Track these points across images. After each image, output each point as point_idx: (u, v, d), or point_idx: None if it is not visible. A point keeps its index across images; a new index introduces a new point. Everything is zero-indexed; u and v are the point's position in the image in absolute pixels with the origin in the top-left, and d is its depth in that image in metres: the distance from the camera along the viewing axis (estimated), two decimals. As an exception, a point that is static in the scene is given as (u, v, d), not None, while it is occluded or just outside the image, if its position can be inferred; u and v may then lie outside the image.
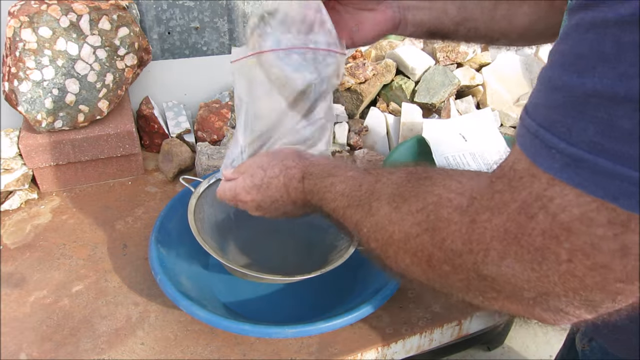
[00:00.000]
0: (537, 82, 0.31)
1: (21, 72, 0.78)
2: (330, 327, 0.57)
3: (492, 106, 1.08)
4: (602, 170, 0.26)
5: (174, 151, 0.89)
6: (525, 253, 0.30)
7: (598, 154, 0.26)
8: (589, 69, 0.27)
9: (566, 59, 0.29)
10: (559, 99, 0.29)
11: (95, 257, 0.73)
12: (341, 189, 0.45)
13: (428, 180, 0.38)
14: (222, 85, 1.10)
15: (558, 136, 0.28)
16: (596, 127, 0.26)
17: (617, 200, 0.26)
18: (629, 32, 0.25)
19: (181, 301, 0.58)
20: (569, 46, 0.29)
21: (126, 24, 0.83)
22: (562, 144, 0.28)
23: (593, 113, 0.27)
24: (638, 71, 0.25)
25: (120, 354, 0.59)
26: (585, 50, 0.27)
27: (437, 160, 0.84)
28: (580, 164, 0.27)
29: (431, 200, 0.36)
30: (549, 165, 0.29)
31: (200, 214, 0.68)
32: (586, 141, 0.27)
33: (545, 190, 0.29)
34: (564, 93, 0.28)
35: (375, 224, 0.40)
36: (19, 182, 0.82)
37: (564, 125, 0.28)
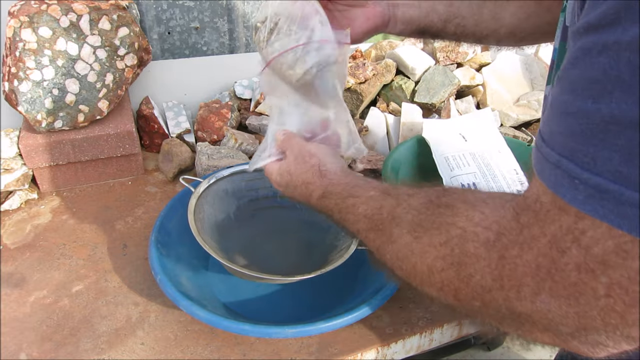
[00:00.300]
0: (550, 108, 0.30)
1: (21, 72, 0.78)
2: (330, 327, 0.57)
3: (492, 106, 1.08)
4: (627, 201, 0.25)
5: (174, 151, 0.89)
6: (560, 289, 0.29)
7: (623, 183, 0.25)
8: (604, 94, 0.26)
9: (578, 84, 0.28)
10: (576, 126, 0.27)
11: (95, 257, 0.73)
12: (363, 211, 0.45)
13: (449, 210, 0.37)
14: (222, 85, 1.10)
15: (581, 166, 0.27)
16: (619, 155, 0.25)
17: None
18: None
19: (181, 301, 0.58)
20: (580, 70, 0.28)
21: (126, 24, 0.83)
22: (586, 173, 0.27)
23: (614, 140, 0.25)
24: None
25: (120, 354, 0.59)
26: (598, 75, 0.26)
27: (437, 160, 0.84)
28: (605, 195, 0.26)
29: (455, 234, 0.35)
30: (572, 196, 0.28)
31: (200, 214, 0.68)
32: (611, 170, 0.26)
33: (575, 223, 0.28)
34: (580, 120, 0.27)
35: (398, 252, 0.40)
36: (19, 182, 0.82)
37: (586, 154, 0.27)
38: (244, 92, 1.08)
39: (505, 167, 0.84)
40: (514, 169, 0.84)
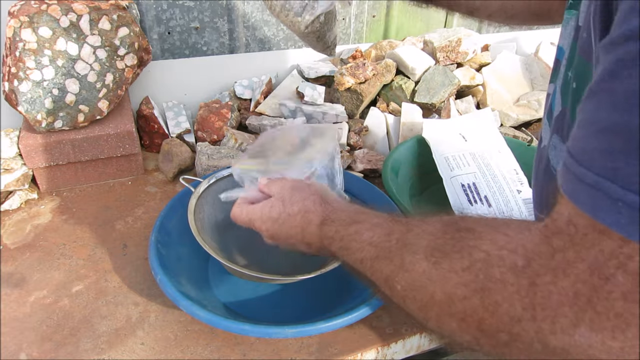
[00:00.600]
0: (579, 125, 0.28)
1: (21, 72, 0.78)
2: (330, 327, 0.57)
3: (492, 106, 1.08)
4: None
5: (174, 151, 0.89)
6: (604, 320, 0.27)
7: None
8: None
9: (618, 97, 0.26)
10: (617, 143, 0.25)
11: (95, 257, 0.73)
12: (368, 238, 0.42)
13: (470, 233, 0.35)
14: (222, 85, 1.10)
15: (623, 186, 0.25)
16: None
17: None
18: None
19: (181, 301, 0.58)
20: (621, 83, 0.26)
21: (126, 24, 0.83)
22: (630, 195, 0.25)
23: None
24: None
25: (120, 354, 0.59)
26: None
27: (437, 161, 0.84)
28: None
29: (478, 257, 0.33)
30: (614, 220, 0.26)
31: (200, 214, 0.68)
32: None
33: (620, 247, 0.26)
34: (623, 136, 0.25)
35: (413, 281, 0.37)
36: (19, 182, 0.82)
37: (630, 173, 0.25)
38: (244, 92, 1.08)
39: (505, 167, 0.84)
40: (514, 169, 0.84)
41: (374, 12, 1.23)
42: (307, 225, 0.48)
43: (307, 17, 0.54)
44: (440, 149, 0.86)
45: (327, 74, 1.11)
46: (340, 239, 0.45)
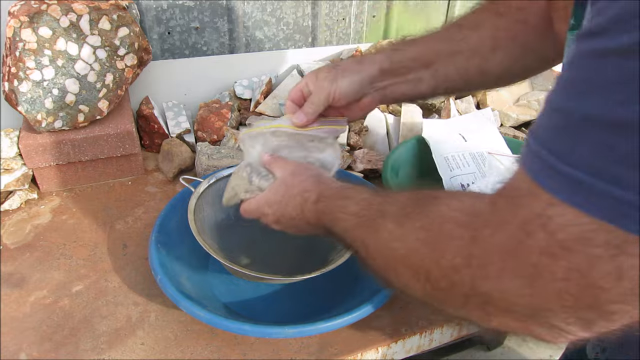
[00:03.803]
0: (543, 105, 0.32)
1: (21, 72, 0.78)
2: (330, 327, 0.57)
3: (492, 106, 1.08)
4: (599, 192, 0.27)
5: (174, 151, 0.89)
6: (521, 268, 0.31)
7: (596, 176, 0.27)
8: (590, 94, 0.28)
9: (569, 83, 0.30)
10: (560, 122, 0.30)
11: (95, 257, 0.73)
12: (353, 210, 0.46)
13: (433, 199, 0.39)
14: (222, 85, 1.10)
15: (559, 158, 0.29)
16: (595, 150, 0.27)
17: (614, 221, 0.27)
18: (630, 60, 0.26)
19: (181, 301, 0.58)
20: (572, 72, 0.30)
21: (126, 24, 0.83)
22: (561, 164, 0.29)
23: (592, 136, 0.27)
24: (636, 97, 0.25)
25: (120, 354, 0.59)
26: (587, 76, 0.28)
27: (437, 161, 0.84)
28: (580, 186, 0.28)
29: (434, 217, 0.37)
30: (549, 185, 0.30)
31: (200, 214, 0.68)
32: (585, 164, 0.28)
33: (545, 209, 0.30)
34: (564, 116, 0.29)
35: (381, 241, 0.41)
36: (19, 182, 0.82)
37: (565, 147, 0.29)
38: (244, 92, 1.08)
39: (505, 167, 0.84)
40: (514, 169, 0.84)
41: (374, 12, 1.22)
42: (305, 204, 0.52)
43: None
44: (440, 149, 0.86)
45: (327, 74, 1.11)
46: (330, 212, 0.49)
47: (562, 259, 0.29)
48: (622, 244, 0.27)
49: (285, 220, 0.55)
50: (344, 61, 0.60)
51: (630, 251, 0.27)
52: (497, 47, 0.57)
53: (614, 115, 0.26)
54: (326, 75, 0.58)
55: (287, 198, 0.54)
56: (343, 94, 0.58)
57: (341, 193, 0.50)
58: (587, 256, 0.28)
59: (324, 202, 0.50)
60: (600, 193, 0.27)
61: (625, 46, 0.26)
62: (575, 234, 0.28)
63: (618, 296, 0.28)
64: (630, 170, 0.26)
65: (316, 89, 0.58)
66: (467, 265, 0.34)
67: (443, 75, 0.59)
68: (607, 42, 0.27)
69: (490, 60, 0.58)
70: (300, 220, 0.53)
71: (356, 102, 0.61)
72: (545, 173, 0.30)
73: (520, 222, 0.31)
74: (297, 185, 0.54)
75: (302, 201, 0.52)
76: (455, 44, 0.58)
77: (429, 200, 0.39)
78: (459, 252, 0.34)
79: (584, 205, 0.28)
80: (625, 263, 0.27)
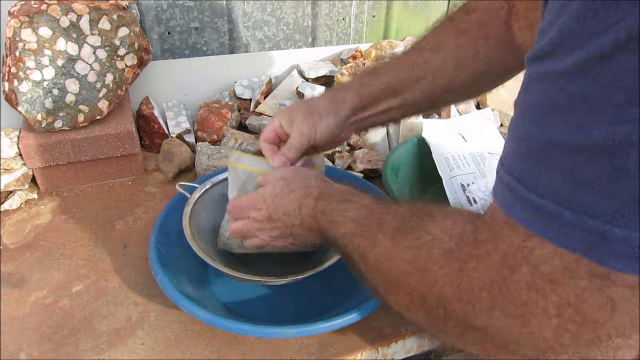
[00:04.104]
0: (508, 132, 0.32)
1: (21, 72, 0.78)
2: (330, 327, 0.57)
3: (492, 106, 1.08)
4: (568, 222, 0.26)
5: (174, 151, 0.89)
6: (512, 307, 0.29)
7: (563, 205, 0.26)
8: (544, 119, 0.27)
9: (525, 109, 0.29)
10: (523, 149, 0.29)
11: (95, 257, 0.73)
12: (353, 215, 0.45)
13: (429, 217, 0.38)
14: (222, 85, 1.10)
15: (527, 187, 0.28)
16: (560, 178, 0.26)
17: (588, 253, 0.26)
18: (575, 82, 0.25)
19: (181, 301, 0.58)
20: (527, 97, 0.29)
21: (126, 24, 0.83)
22: (531, 195, 0.28)
23: (555, 163, 0.26)
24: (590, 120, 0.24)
25: (120, 354, 0.59)
26: (540, 101, 0.27)
27: (437, 161, 0.84)
28: (549, 216, 0.27)
29: (426, 239, 0.36)
30: (522, 217, 0.29)
31: (196, 219, 0.68)
32: (552, 192, 0.27)
33: (524, 241, 0.29)
34: (526, 143, 0.28)
35: (379, 256, 0.40)
36: (19, 182, 0.82)
37: (532, 176, 0.28)
38: (244, 92, 1.08)
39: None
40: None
41: (374, 12, 1.22)
42: (305, 198, 0.51)
43: None
44: (440, 149, 0.86)
45: (327, 74, 1.11)
46: (329, 212, 0.48)
47: (552, 293, 0.28)
48: (607, 274, 0.26)
49: (278, 215, 0.53)
50: (318, 100, 0.61)
51: (619, 281, 0.26)
52: (460, 66, 0.57)
53: (572, 139, 0.25)
54: (303, 120, 0.58)
55: (285, 191, 0.53)
56: (323, 138, 0.59)
57: (343, 195, 0.49)
58: (575, 289, 0.27)
59: (325, 200, 0.49)
60: (570, 224, 0.26)
61: (570, 68, 0.25)
62: (559, 267, 0.27)
63: (616, 329, 0.27)
64: (597, 197, 0.25)
65: (296, 134, 0.58)
66: (458, 300, 0.32)
67: (411, 101, 0.60)
68: (553, 65, 0.26)
69: (455, 78, 0.58)
70: (295, 218, 0.52)
71: (333, 139, 0.62)
72: (518, 205, 0.29)
73: (502, 255, 0.30)
74: (299, 180, 0.53)
75: (302, 195, 0.51)
76: (418, 69, 0.59)
77: (425, 216, 0.38)
78: (448, 283, 0.33)
79: (556, 239, 0.27)
80: (615, 294, 0.26)
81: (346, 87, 0.62)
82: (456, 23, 0.58)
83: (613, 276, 0.26)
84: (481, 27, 0.56)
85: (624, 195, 0.24)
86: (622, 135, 0.23)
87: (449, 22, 0.59)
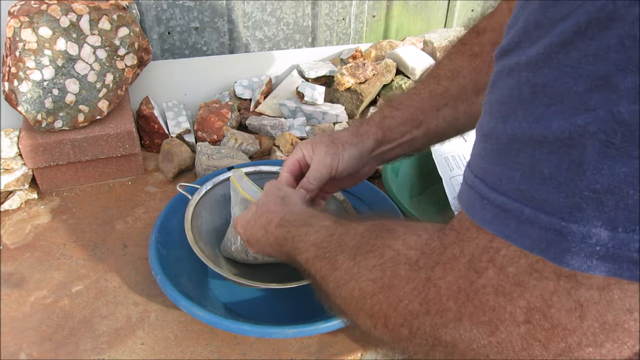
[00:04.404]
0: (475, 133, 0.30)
1: (21, 72, 0.78)
2: (330, 327, 0.57)
3: (492, 106, 1.08)
4: (526, 220, 0.25)
5: (174, 151, 0.89)
6: (480, 314, 0.28)
7: (523, 202, 0.25)
8: (510, 114, 0.26)
9: (492, 106, 0.28)
10: (488, 147, 0.28)
11: (95, 257, 0.73)
12: (313, 239, 0.44)
13: (389, 234, 0.36)
14: (222, 85, 1.10)
15: (490, 186, 0.27)
16: (520, 174, 0.25)
17: (546, 252, 0.24)
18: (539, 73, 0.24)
19: (181, 301, 0.58)
20: (494, 93, 0.28)
21: (126, 24, 0.83)
22: (493, 193, 0.27)
23: (516, 159, 0.25)
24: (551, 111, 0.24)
25: (120, 354, 0.59)
26: (506, 96, 0.26)
27: (437, 161, 0.84)
28: (508, 214, 0.26)
29: (389, 256, 0.34)
30: (481, 217, 0.27)
31: (198, 220, 0.68)
32: (513, 189, 0.25)
33: (490, 241, 0.27)
34: (491, 141, 0.27)
35: (339, 279, 0.38)
36: (19, 182, 0.82)
37: (495, 173, 0.27)
38: (244, 92, 1.08)
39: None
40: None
41: (374, 12, 1.22)
42: (268, 226, 0.51)
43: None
44: (440, 149, 0.86)
45: (327, 74, 1.11)
46: (291, 239, 0.47)
47: (519, 297, 0.26)
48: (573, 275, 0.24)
49: (254, 241, 0.54)
50: (341, 133, 0.60)
51: (586, 283, 0.24)
52: (480, 89, 0.57)
53: (534, 133, 0.24)
54: (326, 150, 0.58)
55: (255, 218, 0.53)
56: (345, 168, 0.59)
57: (303, 219, 0.48)
58: (542, 292, 0.25)
59: (285, 227, 0.48)
60: (529, 221, 0.25)
61: (534, 58, 0.24)
62: (525, 267, 0.26)
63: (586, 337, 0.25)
64: (555, 192, 0.23)
65: (317, 165, 0.58)
66: (426, 312, 0.30)
67: (434, 130, 0.60)
68: (518, 57, 0.25)
69: (476, 103, 0.58)
70: (265, 243, 0.52)
71: (355, 172, 0.62)
72: (477, 204, 0.28)
73: (469, 258, 0.28)
74: (264, 205, 0.53)
75: (266, 222, 0.51)
76: (439, 98, 0.59)
77: (386, 234, 0.37)
78: (415, 296, 0.31)
79: (512, 237, 0.26)
80: (583, 297, 0.24)
81: (368, 120, 0.61)
82: (469, 46, 0.58)
83: (579, 277, 0.24)
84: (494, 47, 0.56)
85: (582, 191, 0.23)
86: (581, 125, 0.22)
87: (462, 46, 0.59)
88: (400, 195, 0.78)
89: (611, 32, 0.21)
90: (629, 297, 0.24)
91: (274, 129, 0.98)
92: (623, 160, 0.22)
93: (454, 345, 0.30)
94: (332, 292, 0.40)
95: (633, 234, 0.22)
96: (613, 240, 0.22)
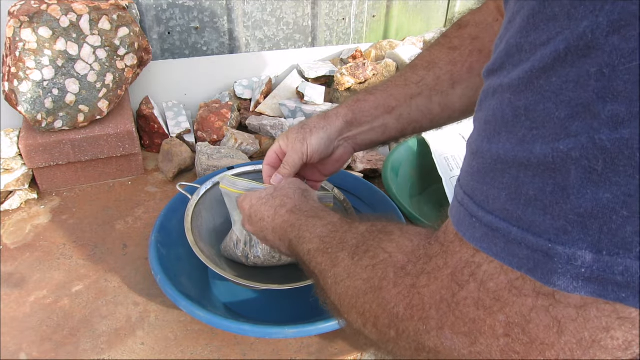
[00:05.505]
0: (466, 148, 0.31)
1: (21, 72, 0.78)
2: (330, 327, 0.57)
3: (492, 106, 1.08)
4: (514, 240, 0.25)
5: (174, 151, 0.89)
6: (460, 325, 0.29)
7: (510, 222, 0.26)
8: (494, 135, 0.27)
9: (479, 125, 0.29)
10: (475, 165, 0.28)
11: (95, 257, 0.73)
12: (319, 232, 0.45)
13: (387, 236, 0.37)
14: (222, 85, 1.10)
15: (478, 204, 0.28)
16: (506, 194, 0.26)
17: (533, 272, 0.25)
18: (521, 96, 0.25)
19: (181, 301, 0.58)
20: (482, 112, 0.29)
21: (126, 24, 0.83)
22: (481, 212, 0.27)
23: (501, 179, 0.26)
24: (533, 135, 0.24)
25: (120, 354, 0.59)
26: (490, 116, 0.27)
27: (437, 161, 0.84)
28: (496, 233, 0.26)
29: (382, 258, 0.35)
30: (471, 234, 0.28)
31: (198, 220, 0.68)
32: (500, 208, 0.26)
33: (473, 256, 0.28)
34: (478, 159, 0.28)
35: (338, 275, 0.40)
36: (19, 182, 0.82)
37: (482, 192, 0.27)
38: (244, 92, 1.08)
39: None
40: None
41: (374, 12, 1.23)
42: (280, 208, 0.52)
43: None
44: (440, 149, 0.86)
45: (327, 74, 1.11)
46: (299, 227, 0.48)
47: (498, 312, 0.27)
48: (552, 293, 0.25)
49: (256, 219, 0.55)
50: (311, 119, 0.62)
51: (564, 301, 0.25)
52: (455, 82, 0.58)
53: (517, 155, 0.25)
54: (296, 136, 0.60)
55: (269, 197, 0.54)
56: (315, 151, 0.60)
57: (315, 212, 0.49)
58: (521, 308, 0.26)
59: (297, 214, 0.50)
60: (516, 241, 0.25)
61: (516, 81, 0.25)
62: (505, 283, 0.26)
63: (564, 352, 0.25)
64: (541, 214, 0.24)
65: (289, 151, 0.60)
66: (410, 318, 0.32)
67: (407, 118, 0.60)
68: (501, 79, 0.26)
69: (451, 95, 0.58)
70: (268, 225, 0.53)
71: (330, 157, 0.62)
72: (467, 221, 0.28)
73: (452, 271, 0.29)
74: (283, 189, 0.55)
75: (279, 204, 0.53)
76: (413, 87, 0.59)
77: (383, 236, 0.38)
78: (401, 300, 0.32)
79: (502, 256, 0.26)
80: (561, 315, 0.25)
81: (341, 104, 0.63)
82: (449, 39, 0.59)
83: (558, 295, 0.25)
84: (474, 41, 0.57)
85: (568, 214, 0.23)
86: (563, 151, 0.23)
87: (443, 39, 0.60)
88: (400, 195, 0.78)
89: (591, 60, 0.21)
90: (605, 317, 0.24)
91: (274, 129, 0.98)
92: (605, 186, 0.22)
93: (437, 352, 0.31)
94: (330, 287, 0.41)
95: (617, 257, 0.22)
96: (598, 263, 0.23)
